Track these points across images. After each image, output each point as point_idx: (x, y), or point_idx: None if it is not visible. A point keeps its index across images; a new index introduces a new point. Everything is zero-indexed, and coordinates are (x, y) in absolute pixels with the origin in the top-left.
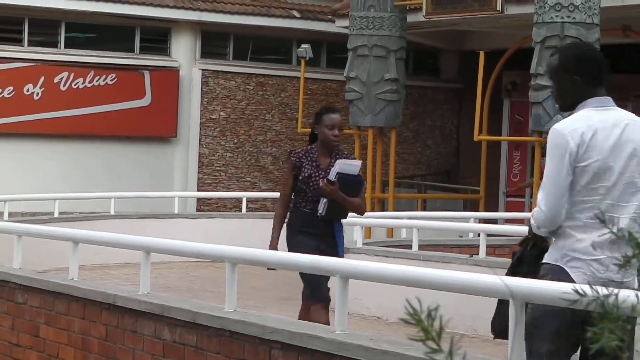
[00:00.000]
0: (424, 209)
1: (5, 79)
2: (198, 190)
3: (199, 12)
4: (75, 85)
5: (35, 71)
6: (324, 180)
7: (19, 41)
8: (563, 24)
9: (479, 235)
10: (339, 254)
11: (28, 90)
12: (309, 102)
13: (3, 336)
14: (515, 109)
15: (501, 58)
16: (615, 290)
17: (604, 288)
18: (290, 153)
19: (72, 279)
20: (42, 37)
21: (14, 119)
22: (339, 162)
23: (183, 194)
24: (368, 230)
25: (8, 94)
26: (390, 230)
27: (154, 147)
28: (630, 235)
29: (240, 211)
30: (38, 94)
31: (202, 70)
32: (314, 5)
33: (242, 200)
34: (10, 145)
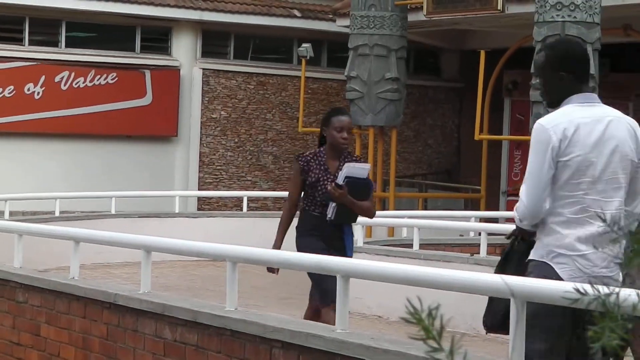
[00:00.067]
0: (425, 208)
1: (6, 78)
2: (199, 189)
3: (199, 12)
4: (76, 84)
5: (36, 70)
6: (332, 185)
7: (19, 40)
8: (564, 23)
9: (479, 234)
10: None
11: (29, 89)
12: (310, 102)
13: (4, 335)
14: (516, 108)
15: (502, 57)
16: (617, 289)
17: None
18: (298, 157)
19: (73, 278)
20: (43, 37)
21: (14, 118)
22: (347, 166)
23: (184, 193)
24: (369, 229)
25: (9, 93)
26: (391, 230)
27: (155, 147)
28: (632, 233)
29: (241, 210)
30: (39, 93)
31: (203, 69)
32: (315, 4)
33: (243, 199)
34: (10, 144)
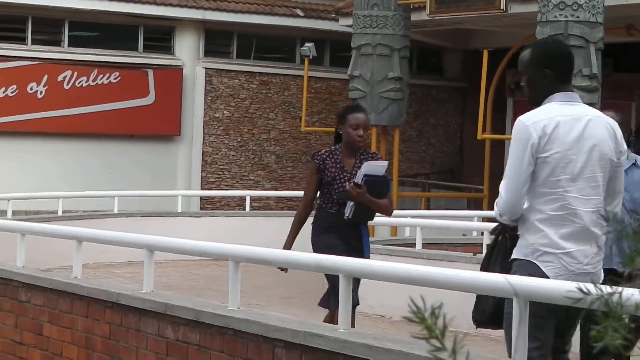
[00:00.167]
0: (428, 208)
1: (9, 77)
2: (201, 188)
3: (202, 11)
4: (78, 83)
5: (38, 70)
6: (350, 184)
7: (22, 40)
8: (567, 23)
9: (482, 233)
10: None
11: (32, 88)
12: (313, 101)
13: (7, 334)
14: (518, 107)
15: (505, 57)
16: (619, 289)
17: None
18: (314, 155)
19: (76, 277)
20: (46, 36)
21: (17, 118)
22: (366, 165)
23: (186, 192)
24: (372, 229)
25: (11, 92)
26: (394, 229)
27: (158, 146)
28: (634, 231)
29: (244, 210)
30: (41, 92)
31: (206, 68)
32: (318, 4)
33: (246, 198)
34: (13, 144)
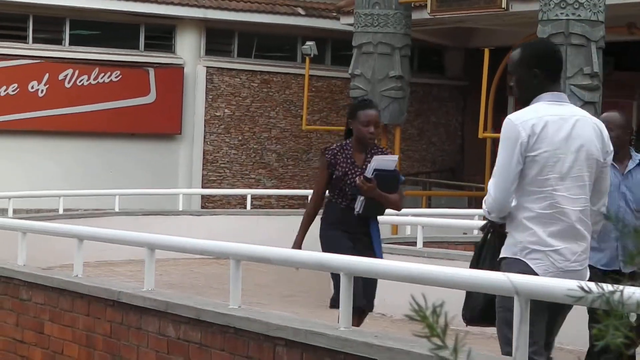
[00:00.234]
0: (429, 206)
1: (10, 76)
2: (202, 187)
3: (203, 10)
4: (79, 82)
5: (39, 68)
6: (361, 178)
7: (23, 38)
8: (568, 21)
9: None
10: (376, 256)
11: (32, 87)
12: (314, 100)
13: (8, 333)
14: (520, 106)
15: (506, 55)
16: (621, 287)
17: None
18: (325, 150)
19: (77, 275)
20: (47, 34)
21: (18, 116)
22: (376, 159)
23: (187, 191)
24: None
25: (12, 91)
26: (395, 227)
27: (159, 144)
28: (636, 230)
29: (245, 208)
30: (42, 91)
31: (207, 67)
32: (319, 2)
33: (247, 197)
34: (14, 142)
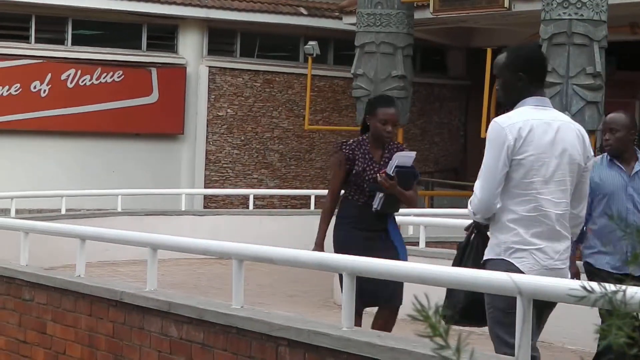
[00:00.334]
0: (431, 206)
1: (12, 75)
2: (205, 187)
3: (206, 9)
4: (82, 82)
5: (42, 68)
6: (383, 175)
7: (26, 38)
8: (570, 21)
9: None
10: (399, 258)
11: (35, 87)
12: (316, 99)
13: (10, 333)
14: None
15: None
16: (623, 286)
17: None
18: (342, 144)
19: (79, 275)
20: (49, 34)
21: (20, 116)
22: (397, 155)
23: (190, 191)
24: None
25: (15, 90)
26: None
27: (161, 144)
28: (639, 231)
29: (247, 208)
30: (45, 91)
31: (209, 67)
32: (321, 2)
33: (249, 197)
34: (17, 142)
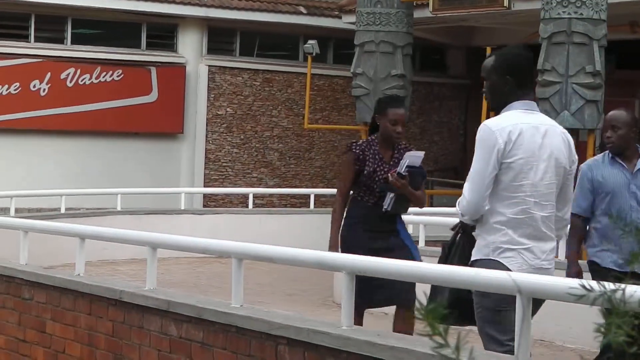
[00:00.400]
0: (431, 205)
1: (12, 74)
2: (204, 186)
3: (205, 8)
4: (81, 81)
5: (41, 67)
6: (394, 175)
7: (25, 37)
8: (570, 20)
9: None
10: (414, 257)
11: (34, 86)
12: (316, 98)
13: (10, 332)
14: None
15: None
16: (623, 285)
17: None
18: (352, 145)
19: (79, 274)
20: (49, 33)
21: (20, 115)
22: (408, 155)
23: (189, 190)
24: None
25: (14, 89)
26: None
27: (161, 143)
28: (637, 230)
29: (247, 207)
30: (44, 90)
31: (209, 66)
32: (321, 1)
33: (249, 196)
34: (16, 141)
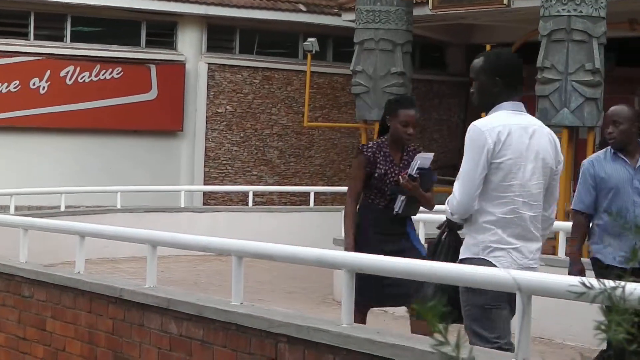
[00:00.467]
0: None
1: (11, 72)
2: (204, 184)
3: (205, 6)
4: (81, 79)
5: (41, 65)
6: (406, 177)
7: (24, 35)
8: (569, 18)
9: None
10: (422, 255)
11: (34, 84)
12: (315, 96)
13: (10, 330)
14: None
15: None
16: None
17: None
18: (363, 147)
19: (79, 272)
20: (48, 31)
21: (19, 113)
22: (419, 157)
23: (189, 187)
24: None
25: (14, 87)
26: None
27: (160, 141)
28: (637, 228)
29: (247, 205)
30: (44, 87)
31: (209, 63)
32: None
33: (249, 194)
34: (16, 139)
